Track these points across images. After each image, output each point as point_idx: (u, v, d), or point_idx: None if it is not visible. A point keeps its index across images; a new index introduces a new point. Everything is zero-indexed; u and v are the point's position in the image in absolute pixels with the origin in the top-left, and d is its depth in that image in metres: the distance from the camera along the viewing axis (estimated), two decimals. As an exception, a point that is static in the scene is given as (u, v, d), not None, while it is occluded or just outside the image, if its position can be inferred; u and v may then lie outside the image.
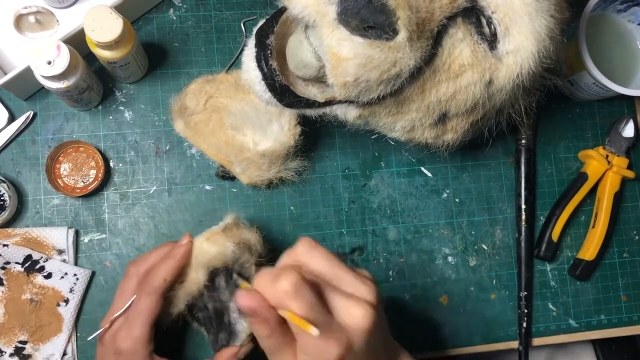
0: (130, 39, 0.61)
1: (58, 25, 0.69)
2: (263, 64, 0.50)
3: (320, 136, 0.72)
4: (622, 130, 0.75)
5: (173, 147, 0.69)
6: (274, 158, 0.65)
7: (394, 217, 0.72)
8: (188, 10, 0.72)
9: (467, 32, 0.47)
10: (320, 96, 0.53)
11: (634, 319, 0.74)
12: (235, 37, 0.72)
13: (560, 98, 0.76)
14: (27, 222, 0.66)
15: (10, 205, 0.64)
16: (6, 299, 0.63)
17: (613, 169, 0.73)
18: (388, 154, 0.73)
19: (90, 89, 0.64)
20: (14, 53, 0.68)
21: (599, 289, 0.74)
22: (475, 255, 0.72)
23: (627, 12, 0.73)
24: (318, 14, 0.43)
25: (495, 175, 0.74)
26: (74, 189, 0.67)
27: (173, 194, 0.69)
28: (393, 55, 0.42)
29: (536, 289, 0.73)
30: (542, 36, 0.47)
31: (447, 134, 0.55)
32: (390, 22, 0.41)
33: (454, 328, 0.71)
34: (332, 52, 0.43)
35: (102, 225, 0.67)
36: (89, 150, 0.67)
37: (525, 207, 0.72)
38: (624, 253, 0.75)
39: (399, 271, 0.71)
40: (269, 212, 0.70)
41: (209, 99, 0.68)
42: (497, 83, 0.49)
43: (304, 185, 0.71)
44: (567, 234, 0.74)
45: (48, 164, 0.65)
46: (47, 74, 0.58)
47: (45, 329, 0.63)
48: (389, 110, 0.50)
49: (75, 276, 0.65)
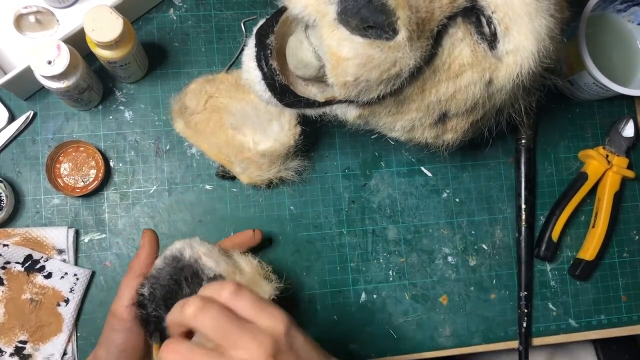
0: (130, 39, 0.61)
1: (58, 25, 0.69)
2: (263, 63, 0.50)
3: (320, 136, 0.72)
4: (622, 130, 0.75)
5: (173, 147, 0.69)
6: (274, 158, 0.65)
7: (394, 217, 0.72)
8: (188, 10, 0.72)
9: (467, 31, 0.47)
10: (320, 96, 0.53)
11: (634, 318, 0.74)
12: (235, 37, 0.72)
13: (560, 98, 0.76)
14: (27, 222, 0.66)
15: (7, 205, 0.64)
16: (6, 298, 0.63)
17: (613, 169, 0.73)
18: (388, 153, 0.73)
19: (90, 89, 0.64)
20: (14, 53, 0.68)
21: (599, 289, 0.74)
22: (475, 255, 0.72)
23: (627, 12, 0.73)
24: (318, 14, 0.43)
25: (495, 175, 0.74)
26: (74, 188, 0.67)
27: (173, 193, 0.69)
28: (393, 55, 0.42)
29: (536, 289, 0.73)
30: (542, 36, 0.47)
31: (447, 134, 0.55)
32: (390, 21, 0.41)
33: (454, 328, 0.71)
34: (332, 52, 0.43)
35: (102, 225, 0.67)
36: (89, 150, 0.67)
37: (525, 207, 0.72)
38: (623, 253, 0.75)
39: (399, 271, 0.71)
40: (269, 212, 0.70)
41: (209, 98, 0.68)
42: (497, 83, 0.49)
43: (304, 185, 0.71)
44: (567, 234, 0.74)
45: (48, 163, 0.65)
46: (47, 74, 0.58)
47: (45, 329, 0.63)
48: (389, 110, 0.50)
49: (75, 276, 0.65)
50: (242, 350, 0.39)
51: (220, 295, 0.42)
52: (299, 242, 0.70)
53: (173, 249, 0.53)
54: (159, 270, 0.52)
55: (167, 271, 0.52)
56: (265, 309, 0.41)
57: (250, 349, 0.39)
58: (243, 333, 0.40)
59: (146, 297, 0.52)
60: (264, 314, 0.41)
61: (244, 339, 0.39)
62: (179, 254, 0.52)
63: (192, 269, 0.52)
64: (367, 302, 0.70)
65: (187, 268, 0.52)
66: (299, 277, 0.69)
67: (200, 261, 0.52)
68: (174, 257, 0.52)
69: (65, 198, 0.67)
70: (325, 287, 0.70)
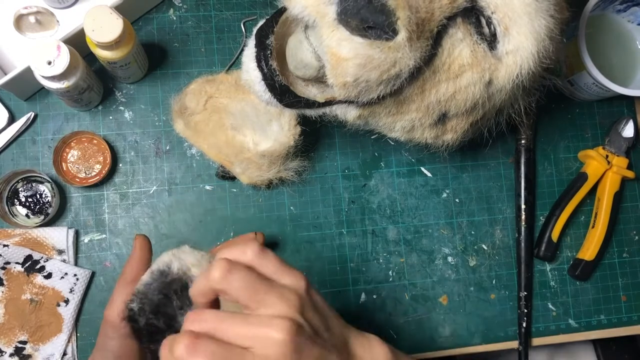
0: (130, 39, 0.61)
1: (58, 26, 0.69)
2: (263, 64, 0.50)
3: (320, 136, 0.72)
4: (622, 131, 0.75)
5: (173, 147, 0.69)
6: (274, 158, 0.65)
7: (394, 217, 0.72)
8: (188, 10, 0.72)
9: (467, 32, 0.47)
10: (320, 96, 0.53)
11: (633, 318, 0.74)
12: (235, 37, 0.72)
13: (560, 98, 0.76)
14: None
15: (54, 205, 0.65)
16: (6, 299, 0.63)
17: (613, 169, 0.73)
18: (388, 154, 0.73)
19: (90, 89, 0.64)
20: (14, 53, 0.68)
21: (599, 289, 0.74)
22: (475, 255, 0.72)
23: (627, 12, 0.73)
24: (318, 14, 0.43)
25: (495, 175, 0.74)
26: (75, 176, 0.67)
27: (173, 194, 0.69)
28: (393, 56, 0.42)
29: (536, 289, 0.73)
30: (541, 36, 0.47)
31: (447, 134, 0.55)
32: (390, 22, 0.41)
33: (454, 328, 0.71)
34: (331, 52, 0.43)
35: (102, 225, 0.67)
36: (101, 145, 0.67)
37: (525, 207, 0.72)
38: (623, 253, 0.75)
39: (399, 271, 0.71)
40: (269, 212, 0.70)
41: (209, 99, 0.68)
42: (496, 83, 0.49)
43: (304, 185, 0.71)
44: (567, 234, 0.74)
45: (59, 145, 0.65)
46: (47, 74, 0.58)
47: (45, 329, 0.63)
48: (388, 110, 0.50)
49: (75, 276, 0.65)
50: (272, 308, 0.40)
51: (244, 256, 0.43)
52: (299, 242, 0.70)
53: (160, 262, 0.51)
54: (147, 285, 0.51)
55: (154, 287, 0.51)
56: (286, 268, 0.43)
57: (279, 306, 0.40)
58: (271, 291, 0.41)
59: (136, 312, 0.51)
60: (286, 273, 0.43)
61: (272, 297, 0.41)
62: (166, 267, 0.51)
63: (181, 282, 0.51)
64: (367, 302, 0.70)
65: (175, 281, 0.51)
66: (299, 277, 0.69)
67: (189, 273, 0.51)
68: (161, 272, 0.51)
69: (65, 198, 0.67)
70: (325, 287, 0.70)
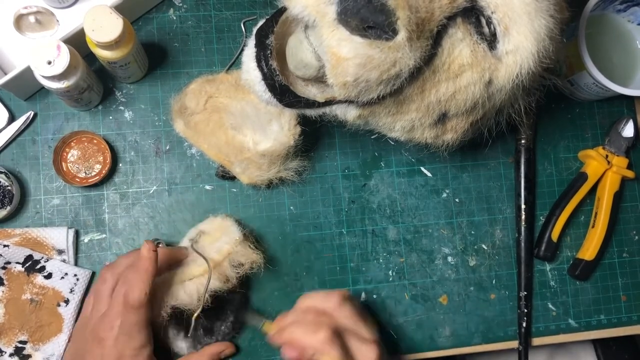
0: (130, 39, 0.61)
1: (58, 25, 0.69)
2: (263, 64, 0.50)
3: (320, 136, 0.72)
4: (622, 130, 0.75)
5: (173, 147, 0.69)
6: (274, 158, 0.65)
7: (394, 217, 0.72)
8: (188, 10, 0.72)
9: (467, 32, 0.47)
10: (320, 96, 0.53)
11: (633, 318, 0.74)
12: (235, 37, 0.72)
13: (560, 98, 0.76)
14: (27, 222, 0.66)
15: (15, 198, 0.64)
16: (6, 299, 0.63)
17: (613, 169, 0.73)
18: (388, 154, 0.73)
19: (90, 89, 0.64)
20: (14, 53, 0.68)
21: (599, 289, 0.74)
22: (475, 255, 0.72)
23: (627, 12, 0.73)
24: (318, 14, 0.43)
25: (495, 175, 0.74)
26: (75, 176, 0.67)
27: (173, 194, 0.69)
28: (393, 55, 0.42)
29: (536, 289, 0.73)
30: (541, 36, 0.47)
31: (447, 134, 0.55)
32: (390, 22, 0.41)
33: (454, 328, 0.71)
34: (332, 52, 0.43)
35: (102, 225, 0.67)
36: (101, 145, 0.67)
37: (525, 207, 0.72)
38: (623, 253, 0.75)
39: (399, 271, 0.71)
40: (269, 212, 0.70)
41: (209, 99, 0.68)
42: (496, 83, 0.49)
43: (304, 185, 0.71)
44: (567, 234, 0.74)
45: (59, 145, 0.65)
46: (47, 74, 0.58)
47: (45, 329, 0.63)
48: (388, 110, 0.50)
49: (75, 276, 0.65)
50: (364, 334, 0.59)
51: None
52: (299, 242, 0.70)
53: None
54: None
55: None
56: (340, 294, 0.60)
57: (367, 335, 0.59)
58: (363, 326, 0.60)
59: None
60: None
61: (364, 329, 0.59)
62: None
63: None
64: (367, 302, 0.70)
65: None
66: (299, 277, 0.70)
67: None
68: None
69: (65, 198, 0.67)
70: (325, 287, 0.70)
